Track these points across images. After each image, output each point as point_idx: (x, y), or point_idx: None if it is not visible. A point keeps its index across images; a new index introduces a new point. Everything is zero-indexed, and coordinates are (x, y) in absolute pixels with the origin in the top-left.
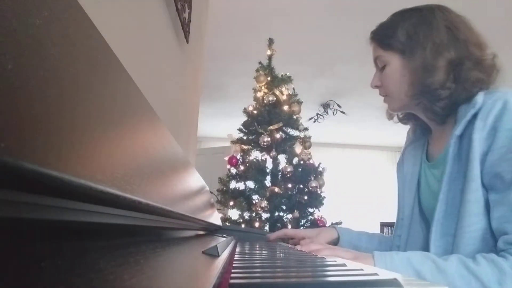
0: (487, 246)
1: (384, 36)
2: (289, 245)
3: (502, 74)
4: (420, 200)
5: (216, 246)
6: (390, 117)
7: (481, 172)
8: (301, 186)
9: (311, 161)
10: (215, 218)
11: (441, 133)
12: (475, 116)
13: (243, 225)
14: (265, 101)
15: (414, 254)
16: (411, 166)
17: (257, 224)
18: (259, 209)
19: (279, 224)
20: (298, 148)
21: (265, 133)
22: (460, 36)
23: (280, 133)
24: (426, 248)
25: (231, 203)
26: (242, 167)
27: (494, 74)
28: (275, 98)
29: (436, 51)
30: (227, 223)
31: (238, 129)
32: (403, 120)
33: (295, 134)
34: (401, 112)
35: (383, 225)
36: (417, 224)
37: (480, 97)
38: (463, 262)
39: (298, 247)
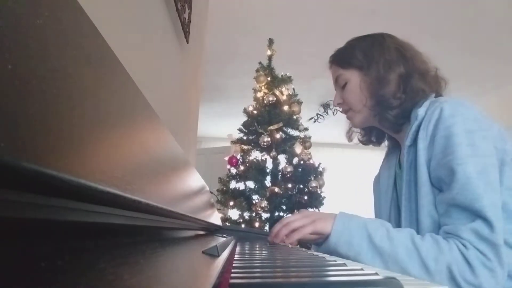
0: None
1: (343, 57)
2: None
3: (446, 83)
4: (399, 205)
5: (216, 246)
6: (350, 139)
7: (430, 177)
8: (301, 186)
9: (311, 161)
10: (215, 218)
11: (404, 142)
12: (419, 126)
13: (243, 225)
14: (265, 101)
15: (373, 220)
16: (386, 178)
17: (257, 224)
18: (259, 209)
19: None
20: (298, 148)
21: (265, 133)
22: (408, 54)
23: (280, 133)
24: None
25: (231, 203)
26: (242, 167)
27: (440, 83)
28: (275, 98)
29: (388, 66)
30: (227, 223)
31: (238, 129)
32: (363, 142)
33: (295, 134)
34: (363, 126)
35: None
36: None
37: (423, 108)
38: (411, 235)
39: (269, 239)
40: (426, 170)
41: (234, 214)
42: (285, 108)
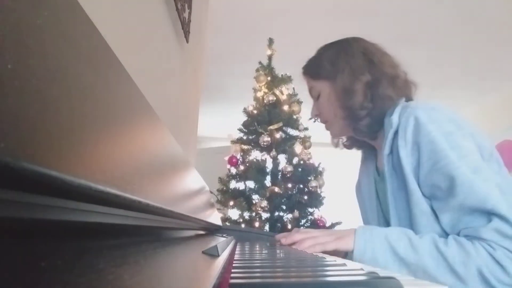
0: None
1: (312, 68)
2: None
3: (417, 87)
4: (383, 212)
5: (216, 246)
6: (336, 145)
7: (418, 185)
8: (301, 186)
9: (311, 161)
10: (215, 218)
11: (380, 148)
12: (396, 133)
13: (243, 225)
14: (265, 101)
15: (392, 230)
16: (367, 184)
17: (257, 224)
18: (259, 209)
19: (279, 224)
20: (298, 148)
21: (265, 133)
22: (375, 59)
23: (280, 133)
24: None
25: (231, 203)
26: (242, 167)
27: (410, 88)
28: (275, 98)
29: (353, 75)
30: (227, 223)
31: (238, 129)
32: (347, 146)
33: (295, 134)
34: (341, 136)
35: None
36: None
37: (396, 115)
38: (435, 242)
39: (282, 241)
40: (414, 178)
41: (234, 214)
42: (285, 108)
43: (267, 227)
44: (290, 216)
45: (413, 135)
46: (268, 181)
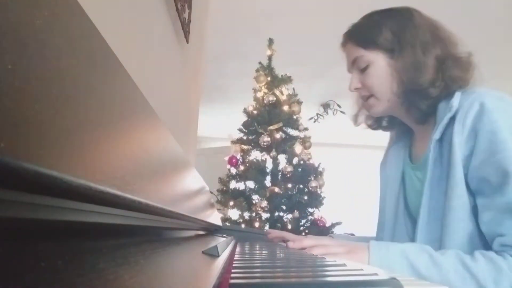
0: (475, 249)
1: (366, 35)
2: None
3: (478, 71)
4: (406, 201)
5: (216, 246)
6: (357, 123)
7: (465, 176)
8: (301, 186)
9: (311, 161)
10: (215, 218)
11: (423, 133)
12: (452, 119)
13: (243, 225)
14: (265, 101)
15: (410, 246)
16: (394, 168)
17: (257, 224)
18: (259, 209)
19: (279, 224)
20: (298, 148)
21: (265, 133)
22: (441, 34)
23: (280, 133)
24: None
25: (231, 203)
26: (242, 167)
27: (471, 71)
28: (275, 98)
29: (425, 49)
30: (227, 223)
31: (238, 129)
32: (371, 126)
33: (295, 134)
34: (383, 115)
35: None
36: (402, 226)
37: (456, 100)
38: (460, 258)
39: (290, 244)
40: (461, 168)
41: (234, 214)
42: (285, 108)
43: (267, 227)
44: (290, 216)
45: (474, 121)
46: (268, 181)
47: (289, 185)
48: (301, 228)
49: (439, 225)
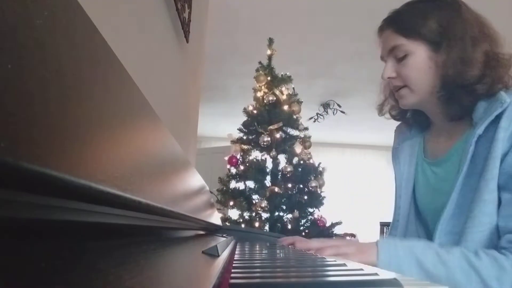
0: (492, 245)
1: (410, 24)
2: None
3: None
4: (415, 199)
5: (216, 246)
6: (382, 112)
7: (499, 171)
8: (301, 186)
9: (311, 161)
10: (215, 218)
11: (449, 130)
12: (499, 115)
13: (243, 225)
14: (265, 101)
15: (417, 243)
16: (407, 165)
17: (257, 224)
18: (259, 209)
19: (279, 224)
20: (298, 148)
21: (265, 133)
22: (487, 31)
23: (280, 133)
24: None
25: (231, 203)
26: (242, 167)
27: (510, 72)
28: (275, 98)
29: (474, 43)
30: (227, 223)
31: (238, 129)
32: (396, 117)
33: (295, 134)
34: (414, 107)
35: (383, 225)
36: (413, 224)
37: (507, 97)
38: (465, 256)
39: (297, 244)
40: (499, 164)
41: (234, 214)
42: (285, 107)
43: (267, 227)
44: (290, 216)
45: None
46: (268, 181)
47: (289, 185)
48: (301, 228)
49: (462, 219)
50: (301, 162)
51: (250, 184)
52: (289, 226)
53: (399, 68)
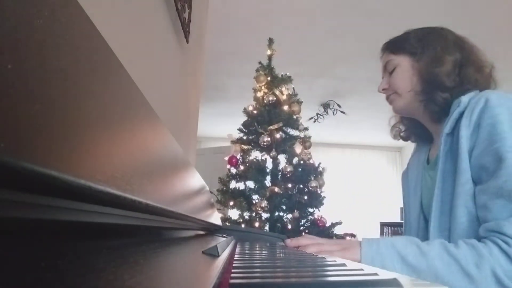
0: (475, 235)
1: (396, 43)
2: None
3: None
4: (422, 203)
5: (216, 246)
6: (395, 137)
7: (470, 166)
8: (301, 186)
9: (311, 161)
10: (215, 218)
11: (439, 134)
12: (462, 114)
13: (243, 225)
14: (265, 101)
15: (399, 238)
16: (414, 174)
17: (257, 224)
18: (259, 209)
19: (279, 224)
20: (298, 148)
21: (265, 133)
22: (465, 46)
23: (280, 133)
24: None
25: (231, 203)
26: (242, 167)
27: (488, 80)
28: (275, 98)
29: (446, 49)
30: (227, 223)
31: (238, 129)
32: (404, 137)
33: (295, 134)
34: (404, 111)
35: (383, 225)
36: (423, 230)
37: (466, 97)
38: (444, 246)
39: (287, 241)
40: (468, 159)
41: (234, 214)
42: (285, 108)
43: (267, 227)
44: (290, 216)
45: (479, 116)
46: (268, 181)
47: (289, 185)
48: (301, 228)
49: (448, 214)
50: (301, 162)
51: (250, 184)
52: (289, 226)
53: (390, 80)
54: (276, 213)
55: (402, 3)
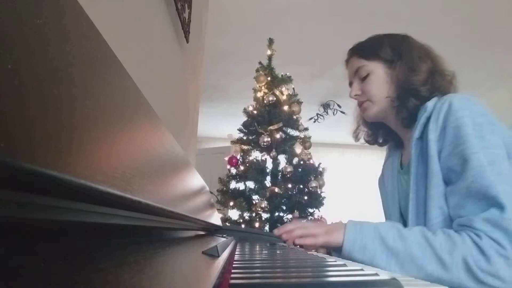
0: None
1: (369, 49)
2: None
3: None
4: (400, 208)
5: (216, 246)
6: (357, 138)
7: (440, 168)
8: (301, 186)
9: (311, 161)
10: (215, 218)
11: (409, 139)
12: (428, 119)
13: (243, 225)
14: (265, 101)
15: (382, 223)
16: (390, 179)
17: (257, 224)
18: (259, 209)
19: (279, 225)
20: (298, 148)
21: (265, 133)
22: (432, 55)
23: (280, 133)
24: None
25: (231, 203)
26: (242, 167)
27: (452, 87)
28: (275, 98)
29: (420, 58)
30: (227, 223)
31: (238, 129)
32: (369, 141)
33: (295, 134)
34: (376, 118)
35: None
36: None
37: (431, 102)
38: (423, 232)
39: (275, 231)
40: (437, 161)
41: (234, 214)
42: (285, 108)
43: (267, 228)
44: (290, 216)
45: (444, 119)
46: (268, 182)
47: (289, 185)
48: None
49: (423, 217)
50: (301, 162)
51: (250, 184)
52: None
53: (363, 86)
54: (276, 214)
55: (402, 4)
